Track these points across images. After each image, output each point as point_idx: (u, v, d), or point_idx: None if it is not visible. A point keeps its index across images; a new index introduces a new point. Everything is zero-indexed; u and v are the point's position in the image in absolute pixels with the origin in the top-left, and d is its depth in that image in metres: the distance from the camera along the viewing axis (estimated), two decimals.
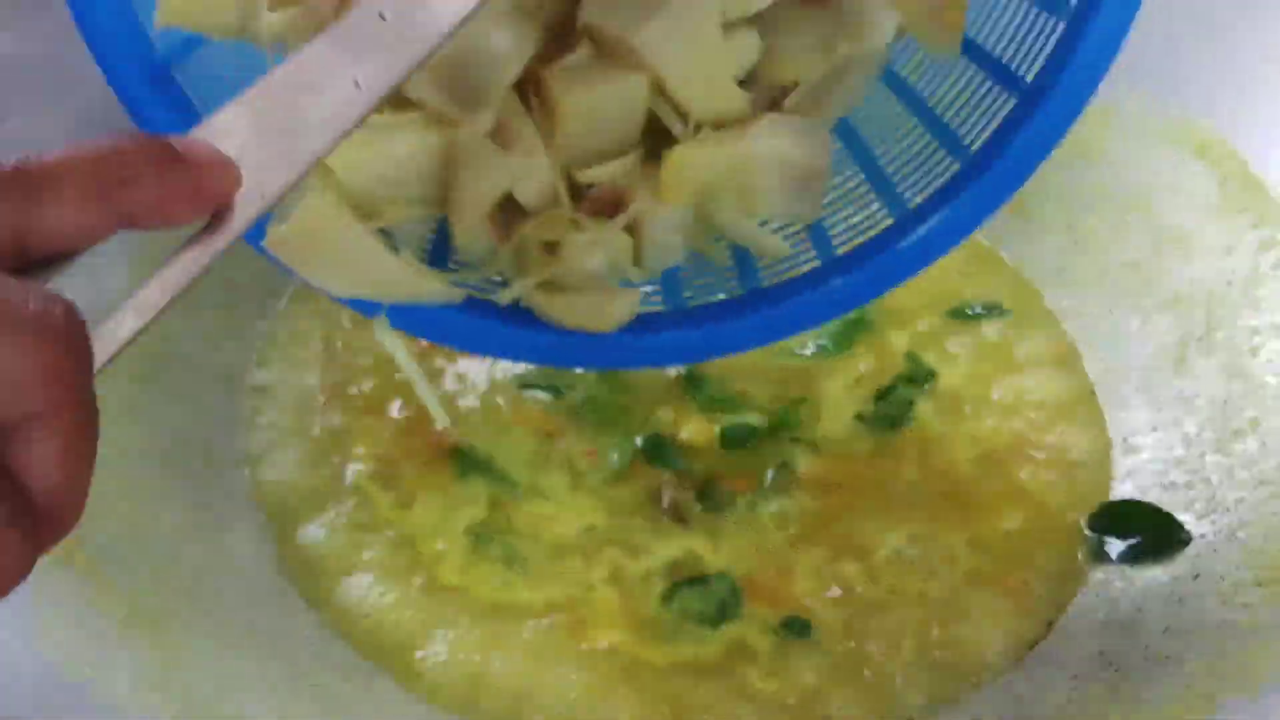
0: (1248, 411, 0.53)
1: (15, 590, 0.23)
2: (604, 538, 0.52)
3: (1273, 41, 0.56)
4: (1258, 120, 0.56)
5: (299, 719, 0.45)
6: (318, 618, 0.49)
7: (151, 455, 0.52)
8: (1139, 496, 0.53)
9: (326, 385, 0.58)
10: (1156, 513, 0.52)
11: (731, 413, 0.56)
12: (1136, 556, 0.51)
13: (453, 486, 0.53)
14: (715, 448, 0.55)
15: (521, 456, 0.54)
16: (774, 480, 0.54)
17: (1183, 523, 0.51)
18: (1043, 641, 0.49)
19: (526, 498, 0.53)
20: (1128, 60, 0.38)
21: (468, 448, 0.55)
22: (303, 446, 0.55)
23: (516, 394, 0.57)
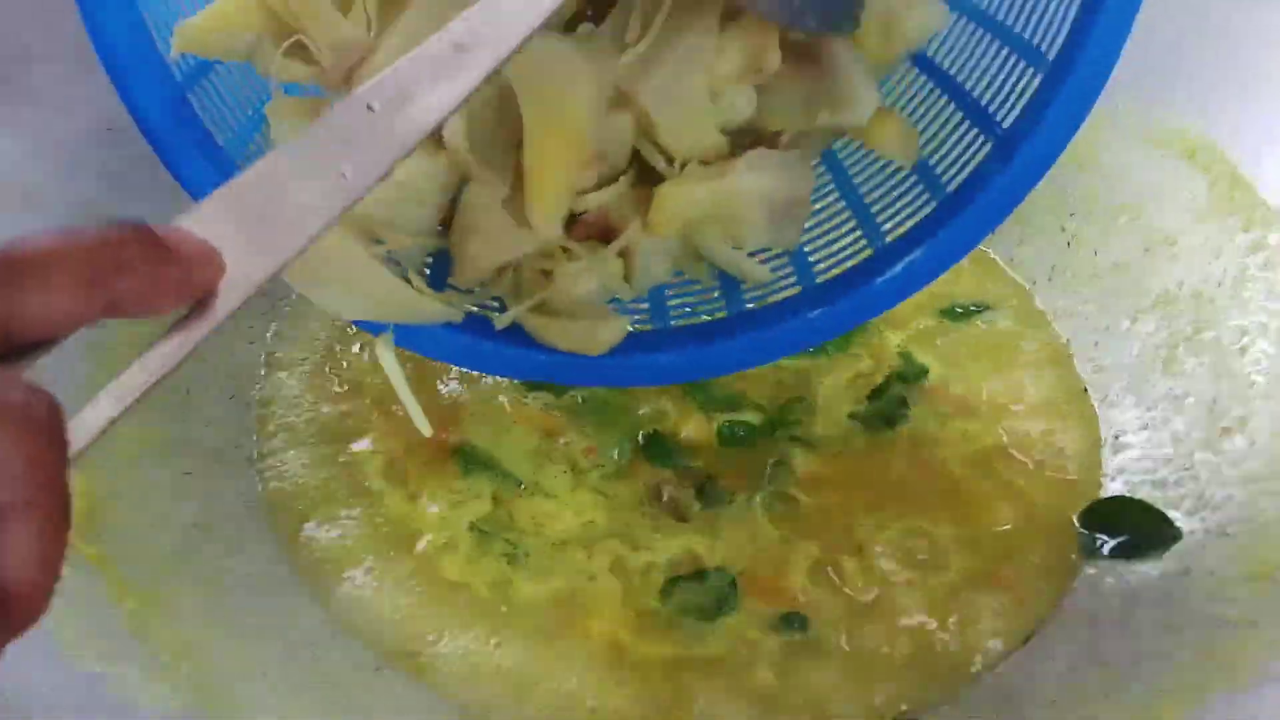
0: (1236, 410, 0.53)
1: None
2: (604, 533, 0.52)
3: (1262, 47, 0.56)
4: (1246, 124, 0.56)
5: (306, 710, 0.45)
6: (324, 612, 0.50)
7: (162, 453, 0.52)
8: (1129, 494, 0.53)
9: (333, 385, 0.59)
10: (1147, 510, 0.52)
11: (730, 411, 0.57)
12: (1127, 553, 0.51)
13: (456, 483, 0.54)
14: (714, 446, 0.56)
15: (523, 454, 0.55)
16: (771, 478, 0.54)
17: (1173, 519, 0.51)
18: (1035, 636, 0.49)
19: (528, 494, 0.54)
20: (1119, 65, 0.38)
21: (471, 446, 0.55)
22: (310, 444, 0.56)
23: (519, 393, 0.57)
